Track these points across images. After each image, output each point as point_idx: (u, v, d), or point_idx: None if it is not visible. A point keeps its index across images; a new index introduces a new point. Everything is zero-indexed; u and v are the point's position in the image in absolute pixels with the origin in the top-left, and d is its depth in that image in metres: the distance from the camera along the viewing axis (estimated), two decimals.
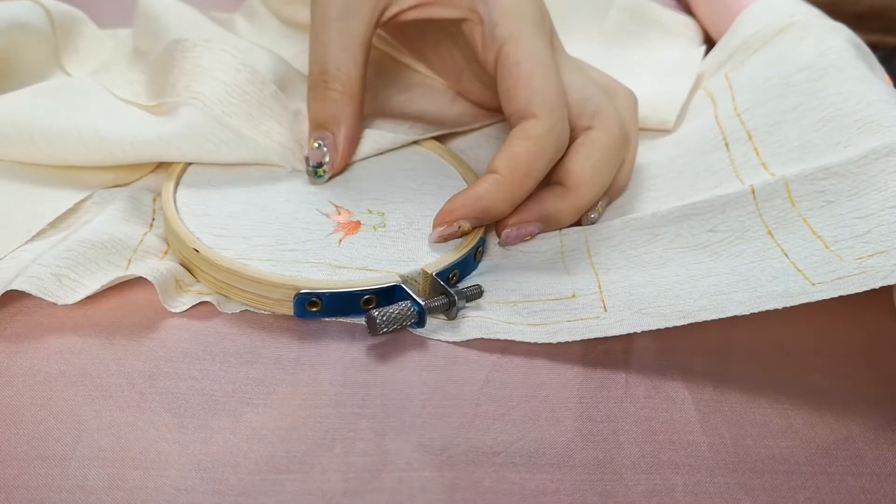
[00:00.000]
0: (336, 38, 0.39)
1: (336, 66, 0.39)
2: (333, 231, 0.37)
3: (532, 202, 0.39)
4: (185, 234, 0.36)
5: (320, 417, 0.30)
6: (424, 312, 0.33)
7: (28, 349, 0.32)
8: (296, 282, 0.34)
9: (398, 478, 0.28)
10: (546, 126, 0.37)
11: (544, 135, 0.37)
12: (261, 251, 0.35)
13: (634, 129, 0.43)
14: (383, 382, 0.32)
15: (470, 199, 0.37)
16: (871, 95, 0.40)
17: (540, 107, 0.37)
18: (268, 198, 0.39)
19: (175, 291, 0.35)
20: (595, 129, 0.39)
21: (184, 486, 0.28)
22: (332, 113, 0.39)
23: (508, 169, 0.37)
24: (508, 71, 0.38)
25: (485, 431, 0.30)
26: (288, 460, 0.29)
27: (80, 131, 0.39)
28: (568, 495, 0.28)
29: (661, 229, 0.39)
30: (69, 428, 0.29)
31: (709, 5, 0.58)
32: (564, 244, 0.39)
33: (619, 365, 0.33)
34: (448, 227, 0.37)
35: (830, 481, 0.30)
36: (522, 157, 0.37)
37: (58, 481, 0.27)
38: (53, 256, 0.34)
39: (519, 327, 0.34)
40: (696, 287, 0.35)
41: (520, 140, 0.37)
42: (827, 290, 0.32)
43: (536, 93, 0.38)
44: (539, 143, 0.37)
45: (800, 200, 0.37)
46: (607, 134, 0.39)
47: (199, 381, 0.31)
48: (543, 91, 0.38)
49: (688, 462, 0.30)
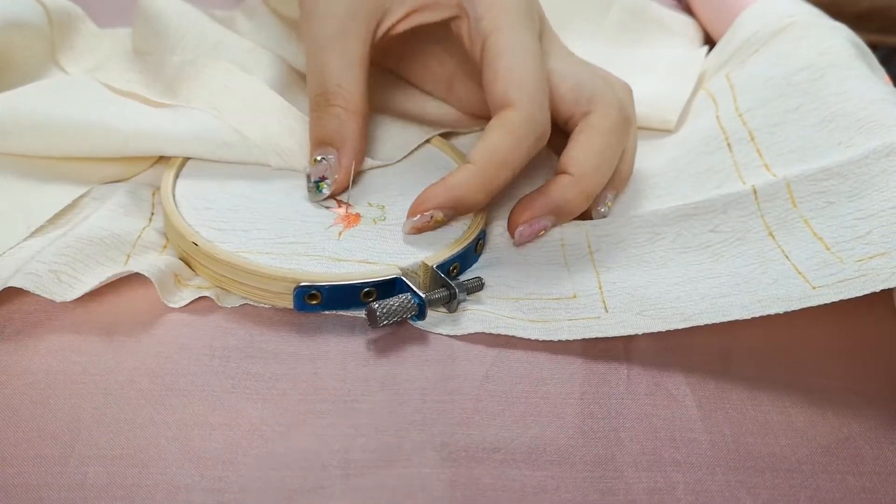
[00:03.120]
0: (334, 59, 0.38)
1: (337, 83, 0.38)
2: (333, 224, 0.37)
3: (540, 196, 0.38)
4: (184, 227, 0.36)
5: (320, 412, 0.30)
6: (425, 305, 0.33)
7: (26, 347, 0.32)
8: (295, 274, 0.34)
9: (398, 474, 0.28)
10: (523, 116, 0.37)
11: (521, 125, 0.37)
12: (260, 244, 0.35)
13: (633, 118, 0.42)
14: (383, 377, 0.32)
15: (443, 189, 0.37)
16: (871, 95, 0.40)
17: (518, 97, 0.37)
18: (267, 191, 0.39)
19: (174, 286, 0.35)
20: (594, 114, 0.39)
21: (183, 483, 0.27)
22: (335, 130, 0.38)
23: (483, 159, 0.37)
24: (490, 62, 0.38)
25: (485, 427, 0.30)
26: (287, 456, 0.29)
27: (83, 121, 0.39)
28: (568, 492, 0.28)
29: (662, 228, 0.39)
30: (68, 426, 0.29)
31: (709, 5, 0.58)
32: (565, 238, 0.39)
33: (621, 361, 0.33)
34: (421, 218, 0.36)
35: (831, 480, 0.30)
36: (498, 147, 0.37)
37: (57, 479, 0.27)
38: (52, 253, 0.34)
39: (520, 322, 0.34)
40: (696, 289, 0.35)
41: (496, 130, 0.37)
42: (828, 294, 0.32)
43: (515, 83, 0.37)
44: (515, 133, 0.37)
45: (801, 201, 0.37)
46: (607, 117, 0.39)
47: (198, 377, 0.31)
48: (523, 81, 0.37)
49: (689, 460, 0.30)
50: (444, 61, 0.45)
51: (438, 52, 0.45)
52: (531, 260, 0.38)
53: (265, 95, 0.41)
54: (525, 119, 0.37)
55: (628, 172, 0.42)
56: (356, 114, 0.38)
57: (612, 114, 0.39)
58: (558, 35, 0.43)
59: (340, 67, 0.38)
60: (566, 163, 0.39)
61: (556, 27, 0.42)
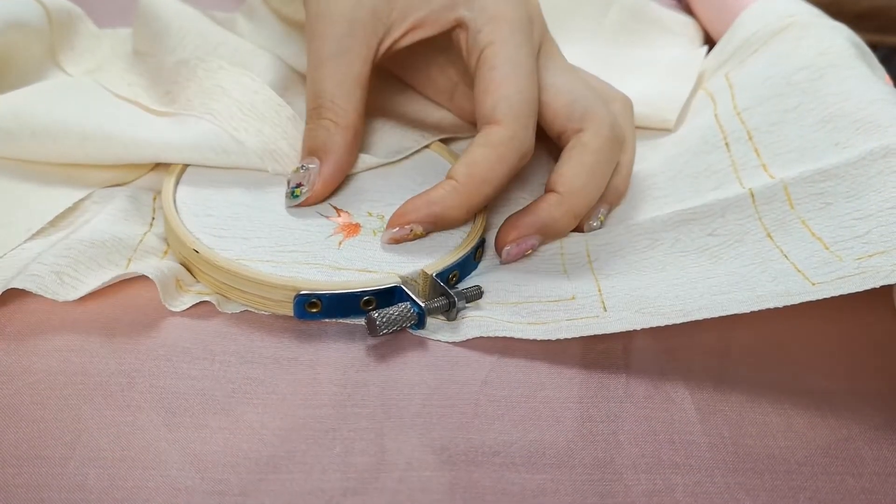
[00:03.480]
0: (330, 76, 0.38)
1: (331, 98, 0.38)
2: (333, 233, 0.37)
3: (527, 214, 0.38)
4: (184, 234, 0.36)
5: (320, 417, 0.30)
6: (424, 314, 0.33)
7: (27, 348, 0.32)
8: (296, 283, 0.34)
9: (398, 478, 0.28)
10: (507, 134, 0.37)
11: (504, 142, 0.37)
12: (261, 252, 0.35)
13: (631, 134, 0.42)
14: (383, 382, 0.32)
15: (423, 203, 0.37)
16: (870, 95, 0.40)
17: (505, 114, 0.37)
18: (268, 199, 0.39)
19: (176, 290, 0.35)
20: (585, 132, 0.39)
21: (183, 485, 0.28)
22: (323, 141, 0.38)
23: (465, 175, 0.37)
24: (483, 75, 0.38)
25: (484, 431, 0.30)
26: (288, 460, 0.29)
27: (83, 127, 0.39)
28: (568, 495, 0.28)
29: (660, 234, 0.39)
30: (68, 427, 0.29)
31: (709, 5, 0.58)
32: (564, 247, 0.39)
33: (619, 365, 0.33)
34: (400, 230, 0.36)
35: (830, 481, 0.30)
36: (480, 164, 0.37)
37: (57, 481, 0.27)
38: (53, 255, 0.34)
39: (518, 325, 0.34)
40: (696, 288, 0.35)
41: (479, 147, 0.37)
42: (827, 290, 0.32)
43: (503, 99, 0.37)
44: (498, 150, 0.37)
45: (799, 203, 0.37)
46: (598, 135, 0.39)
47: (198, 381, 0.31)
48: (510, 98, 0.37)
49: (688, 462, 0.30)
50: (446, 70, 0.45)
51: (441, 62, 0.45)
52: (530, 267, 0.38)
53: (258, 94, 0.41)
54: (509, 137, 0.37)
55: (624, 187, 0.42)
56: (346, 128, 0.38)
57: (604, 132, 0.39)
58: (559, 37, 0.42)
59: (335, 84, 0.38)
60: (554, 181, 0.39)
61: (556, 27, 0.42)
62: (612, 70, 0.45)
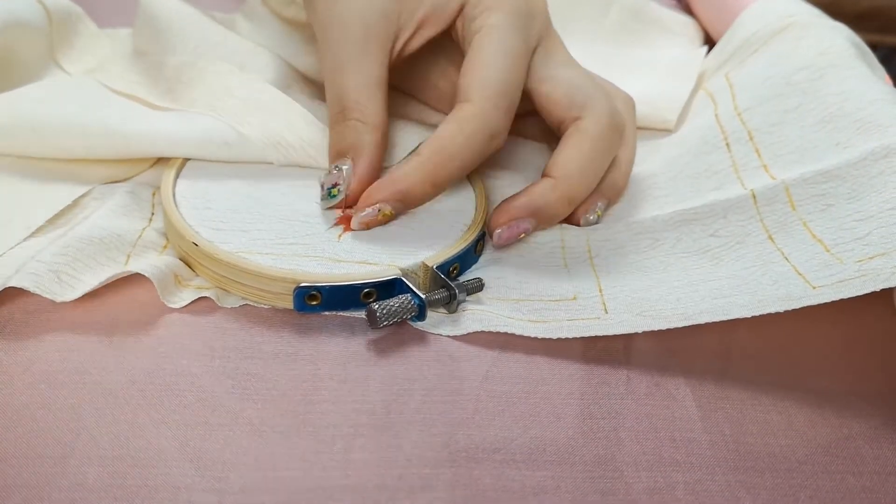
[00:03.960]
0: (352, 79, 0.38)
1: (355, 99, 0.38)
2: (333, 225, 0.37)
3: (520, 197, 0.38)
4: (184, 227, 0.36)
5: (320, 413, 0.30)
6: (425, 305, 0.33)
7: (26, 347, 0.32)
8: (295, 275, 0.34)
9: (398, 475, 0.28)
10: (474, 110, 0.37)
11: (470, 119, 0.37)
12: (260, 245, 0.35)
13: (632, 131, 0.42)
14: (383, 377, 0.32)
15: (388, 182, 0.37)
16: (870, 95, 0.40)
17: (476, 92, 0.37)
18: (267, 191, 0.39)
19: (174, 287, 0.35)
20: (584, 119, 0.39)
21: (183, 483, 0.27)
22: (353, 141, 0.38)
23: (430, 150, 0.37)
24: (467, 59, 0.38)
25: (485, 428, 0.30)
26: (288, 457, 0.29)
27: (84, 121, 0.39)
28: (568, 493, 0.28)
29: (662, 234, 0.39)
30: (68, 426, 0.29)
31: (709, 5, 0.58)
32: (565, 240, 0.39)
33: (621, 362, 0.33)
34: (369, 212, 0.36)
35: (831, 480, 0.30)
36: (445, 139, 0.37)
37: (57, 480, 0.27)
38: (52, 253, 0.34)
39: (519, 322, 0.34)
40: (697, 291, 0.35)
41: (447, 123, 0.37)
42: (828, 293, 0.32)
43: (477, 79, 0.37)
44: (464, 126, 0.37)
45: (800, 204, 0.37)
46: (596, 123, 0.39)
47: (198, 378, 0.31)
48: (486, 79, 0.37)
49: (689, 459, 0.30)
50: (447, 72, 0.45)
51: (442, 64, 0.45)
52: (531, 260, 0.38)
53: (264, 92, 0.41)
54: (476, 114, 0.37)
55: (623, 183, 0.42)
56: (375, 127, 0.38)
57: (603, 120, 0.39)
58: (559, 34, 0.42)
59: (357, 87, 0.38)
60: (550, 166, 0.39)
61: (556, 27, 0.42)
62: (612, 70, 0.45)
